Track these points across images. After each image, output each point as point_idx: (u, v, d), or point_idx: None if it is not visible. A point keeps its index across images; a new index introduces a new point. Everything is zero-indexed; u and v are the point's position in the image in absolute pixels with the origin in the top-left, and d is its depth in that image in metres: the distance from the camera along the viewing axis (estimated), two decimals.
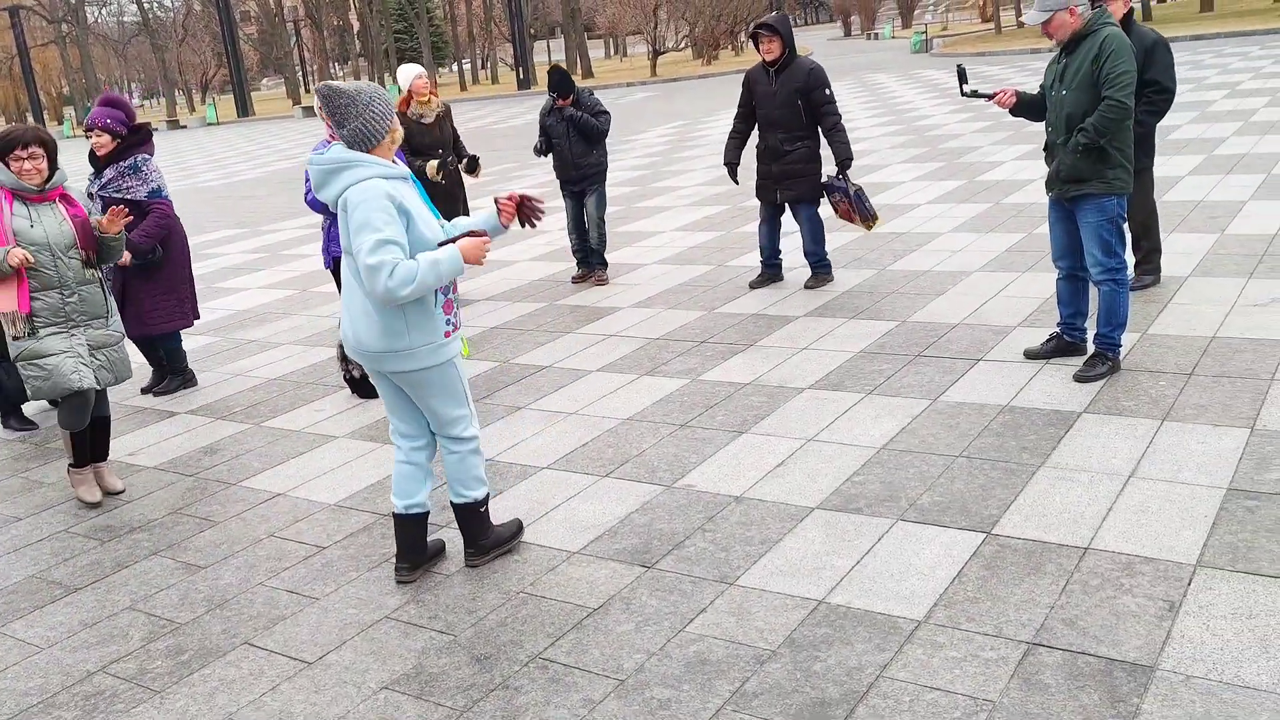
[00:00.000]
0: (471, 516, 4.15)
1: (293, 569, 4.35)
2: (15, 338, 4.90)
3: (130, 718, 3.44)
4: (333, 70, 78.17)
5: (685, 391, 5.92)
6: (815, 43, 62.65)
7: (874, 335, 6.50)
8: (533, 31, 57.53)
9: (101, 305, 5.09)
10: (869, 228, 7.71)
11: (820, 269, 7.89)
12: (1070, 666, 3.13)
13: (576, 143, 8.42)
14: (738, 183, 7.99)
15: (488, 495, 4.17)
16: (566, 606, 3.81)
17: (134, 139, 6.51)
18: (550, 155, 8.61)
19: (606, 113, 8.52)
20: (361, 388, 6.31)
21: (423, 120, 8.21)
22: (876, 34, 62.71)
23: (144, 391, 7.05)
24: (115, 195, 6.35)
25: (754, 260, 8.94)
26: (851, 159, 7.49)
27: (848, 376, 5.84)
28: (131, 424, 6.43)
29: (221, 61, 62.53)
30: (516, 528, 4.32)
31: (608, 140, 8.63)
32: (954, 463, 4.60)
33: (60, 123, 64.16)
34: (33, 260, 4.77)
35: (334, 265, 6.47)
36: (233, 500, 5.14)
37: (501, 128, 28.85)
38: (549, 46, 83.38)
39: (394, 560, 4.22)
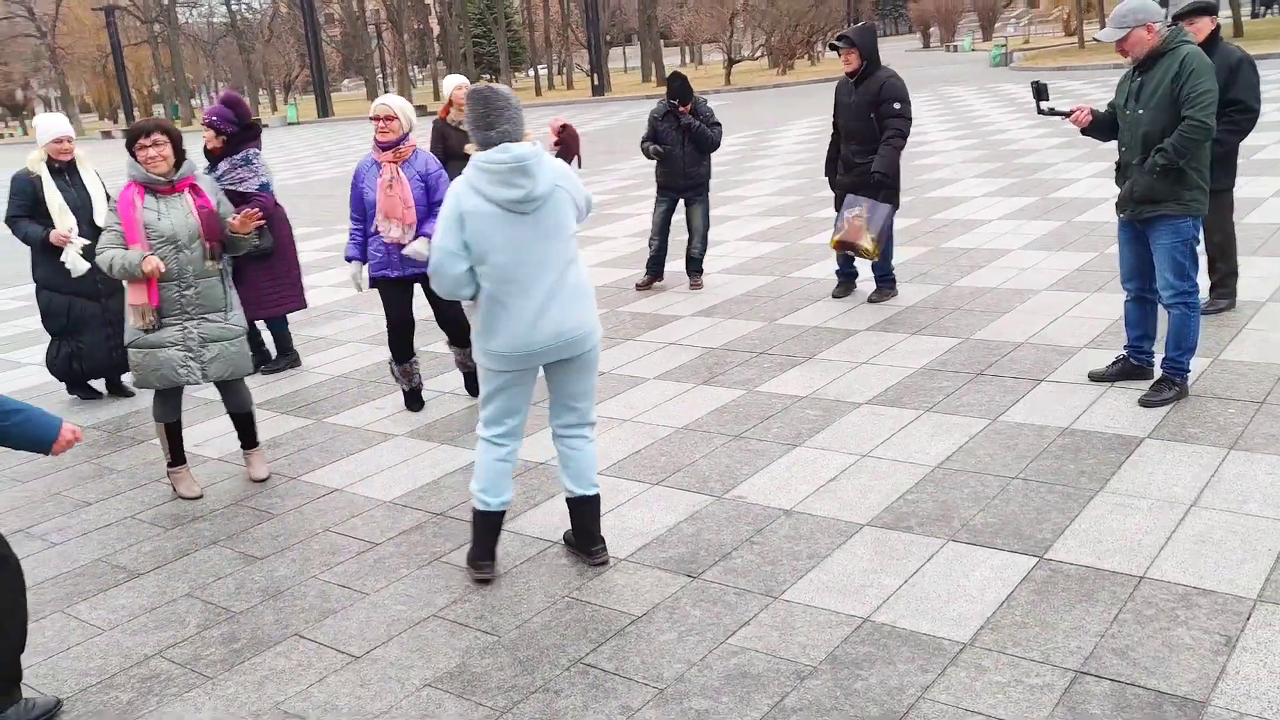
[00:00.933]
0: (598, 508, 4.22)
1: (345, 564, 4.43)
2: (145, 330, 4.94)
3: (183, 702, 3.54)
4: (412, 74, 79.33)
5: (741, 402, 5.91)
6: (893, 54, 62.10)
7: (936, 352, 6.43)
8: (608, 38, 57.85)
9: (220, 299, 5.07)
10: (871, 253, 7.35)
11: (884, 283, 7.83)
12: (1118, 697, 3.07)
13: (689, 151, 8.52)
14: (835, 193, 7.95)
15: None
16: (610, 613, 3.83)
17: (245, 135, 6.94)
18: (655, 159, 8.69)
19: (720, 124, 8.64)
20: (417, 400, 6.38)
21: (461, 126, 8.35)
22: (956, 46, 61.95)
23: (263, 371, 7.52)
24: (229, 186, 6.70)
25: (817, 272, 8.91)
26: (882, 176, 7.30)
27: (907, 393, 5.78)
28: (200, 415, 6.59)
29: (304, 63, 63.82)
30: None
31: None
32: (1010, 484, 4.53)
33: (150, 117, 65.92)
34: (164, 268, 4.83)
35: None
36: (292, 494, 5.25)
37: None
38: (624, 53, 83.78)
39: (459, 559, 4.28)
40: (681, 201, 8.76)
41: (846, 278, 8.05)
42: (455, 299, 3.96)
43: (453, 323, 6.14)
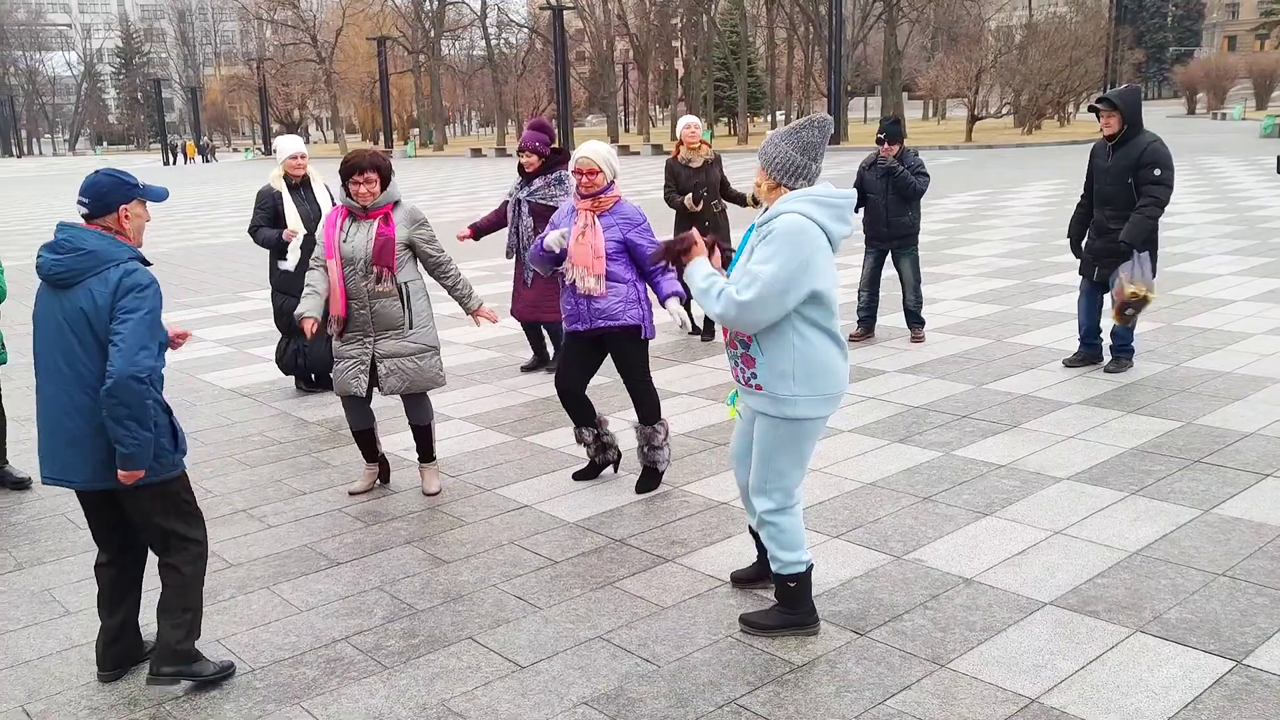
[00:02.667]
0: None
1: (524, 577, 4.61)
2: (335, 338, 5.44)
3: (360, 686, 3.77)
4: (653, 112, 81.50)
5: (935, 464, 5.77)
6: (1154, 120, 58.90)
7: (1151, 433, 6.08)
8: (850, 88, 57.60)
9: (398, 318, 5.34)
10: (1147, 294, 7.03)
11: (1123, 353, 7.48)
12: None
13: (893, 200, 8.46)
14: (1078, 257, 7.69)
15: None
16: (772, 659, 3.83)
17: (556, 157, 7.74)
18: (860, 210, 8.68)
19: (927, 175, 8.54)
20: (591, 473, 5.86)
21: (690, 165, 8.93)
22: (1224, 114, 58.14)
23: (523, 370, 8.29)
24: (541, 201, 7.60)
25: (1035, 339, 8.59)
26: (1132, 245, 7.00)
27: (1112, 472, 5.50)
28: (405, 422, 6.98)
29: (552, 97, 66.65)
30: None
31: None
32: (1214, 581, 4.24)
33: (405, 143, 70.50)
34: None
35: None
36: (484, 505, 5.50)
37: None
38: (865, 104, 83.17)
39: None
40: (888, 253, 8.67)
41: (1088, 348, 7.70)
42: (752, 328, 3.72)
43: (644, 395, 5.57)
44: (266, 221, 7.44)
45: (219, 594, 4.53)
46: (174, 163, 70.17)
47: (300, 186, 7.47)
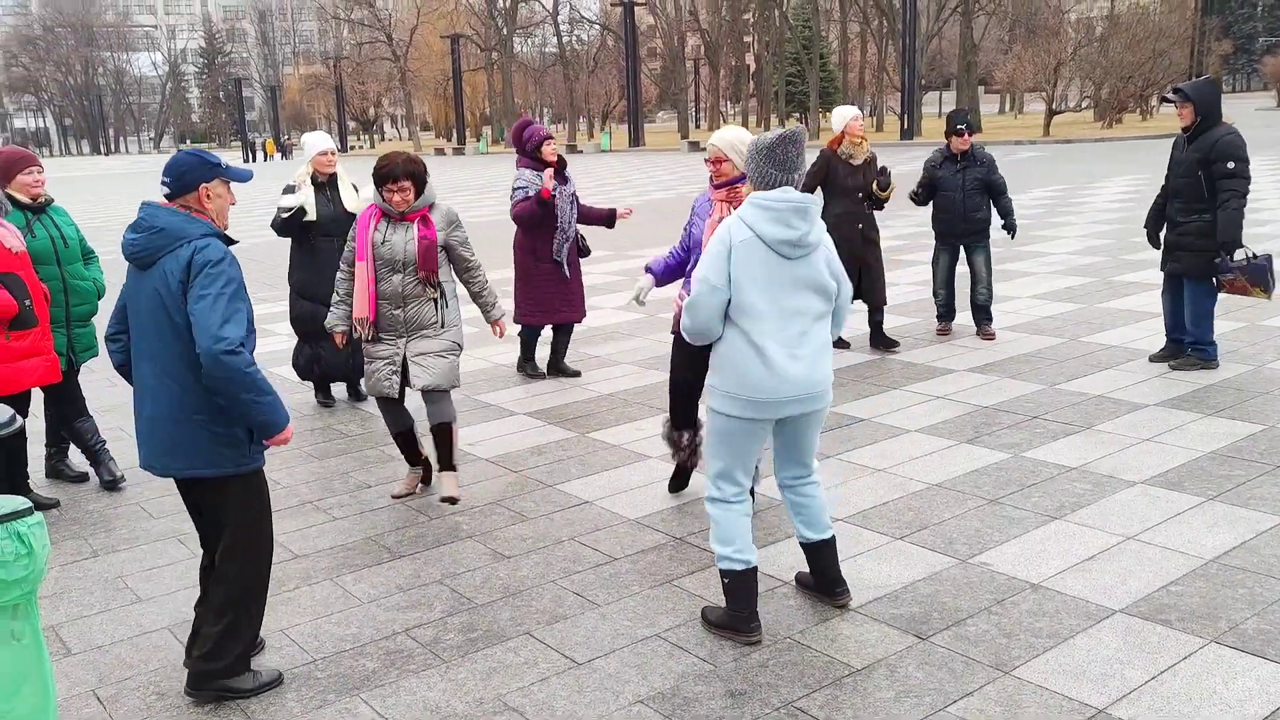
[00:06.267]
0: (835, 549, 4.19)
1: (583, 573, 4.61)
2: (365, 340, 5.44)
3: (419, 679, 3.80)
4: (724, 108, 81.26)
5: (1004, 466, 5.65)
6: (1240, 112, 57.17)
7: (1232, 437, 5.89)
8: (924, 82, 56.75)
9: (431, 319, 5.37)
10: (1266, 296, 6.99)
11: (1198, 352, 7.26)
12: None
13: (972, 195, 8.34)
14: (1155, 248, 7.55)
15: None
16: (831, 661, 3.78)
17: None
18: (930, 204, 8.54)
19: (1003, 177, 8.49)
20: (682, 481, 5.63)
21: (851, 160, 8.22)
22: None
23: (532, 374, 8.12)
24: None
25: (1112, 338, 8.38)
26: (1233, 243, 6.84)
27: (1189, 477, 5.33)
28: (475, 418, 7.05)
29: (623, 93, 66.79)
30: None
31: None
32: None
33: (477, 139, 71.17)
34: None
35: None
36: (546, 500, 5.51)
37: None
38: (940, 98, 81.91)
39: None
40: (962, 249, 8.53)
41: (1174, 344, 7.49)
42: (704, 340, 3.88)
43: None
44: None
45: (284, 584, 4.60)
46: (254, 160, 71.69)
47: (326, 185, 7.26)
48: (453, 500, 5.49)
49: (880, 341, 8.42)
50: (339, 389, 7.86)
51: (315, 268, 7.15)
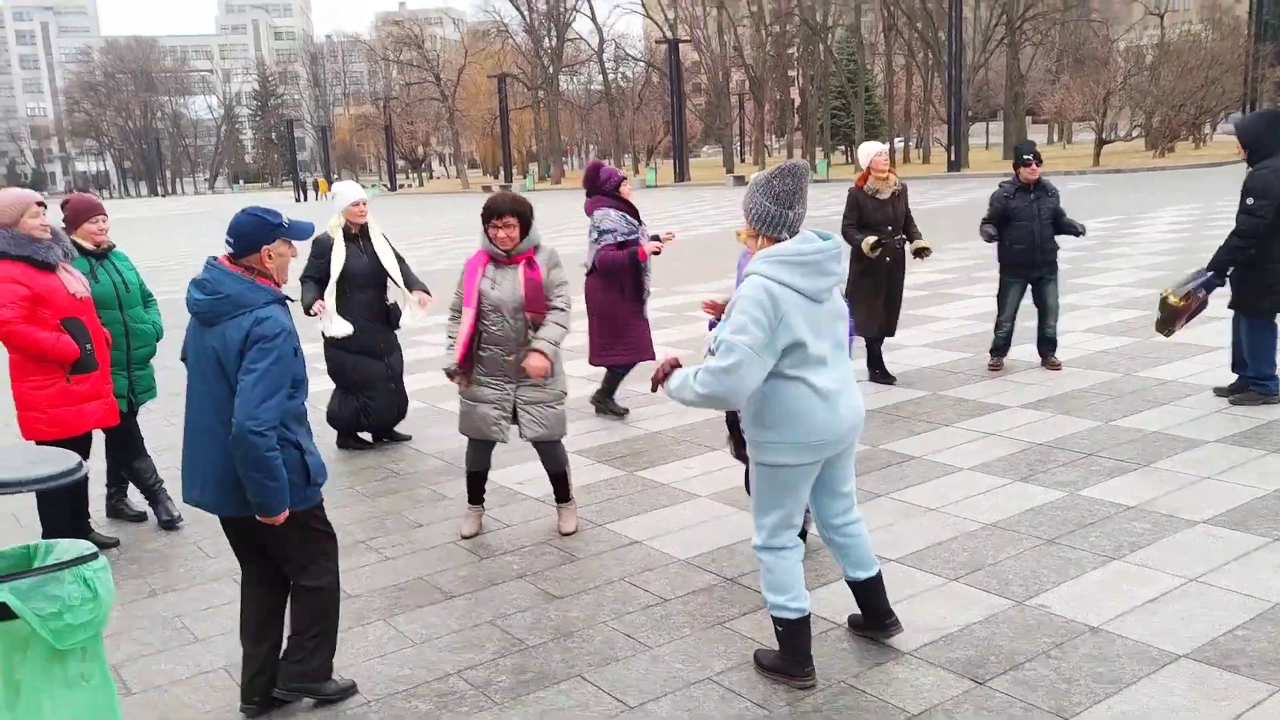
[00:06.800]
0: (883, 583, 4.15)
1: (635, 614, 4.59)
2: (459, 384, 5.41)
3: None
4: (769, 142, 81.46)
5: (1060, 505, 5.56)
6: None
7: None
8: (971, 113, 56.56)
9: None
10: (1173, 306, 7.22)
11: (1258, 386, 7.14)
12: None
13: (1046, 225, 8.36)
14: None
15: None
16: (885, 706, 3.73)
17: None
18: (998, 239, 8.49)
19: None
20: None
21: (878, 195, 8.25)
22: None
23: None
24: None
25: (1169, 373, 8.24)
26: (1217, 269, 7.04)
27: (1254, 516, 5.21)
28: (524, 455, 7.06)
29: (668, 129, 67.21)
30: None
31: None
32: None
33: (524, 176, 71.92)
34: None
35: None
36: (596, 540, 5.51)
37: (922, 209, 28.54)
38: (987, 129, 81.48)
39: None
40: (1032, 281, 8.56)
41: (1241, 378, 7.37)
42: (725, 405, 3.74)
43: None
44: (319, 271, 7.10)
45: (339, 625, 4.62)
46: (305, 199, 72.99)
47: (359, 236, 7.17)
48: (571, 533, 5.56)
49: (880, 372, 8.56)
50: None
51: (350, 320, 7.13)
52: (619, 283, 7.65)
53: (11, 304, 5.19)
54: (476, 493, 5.72)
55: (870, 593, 4.13)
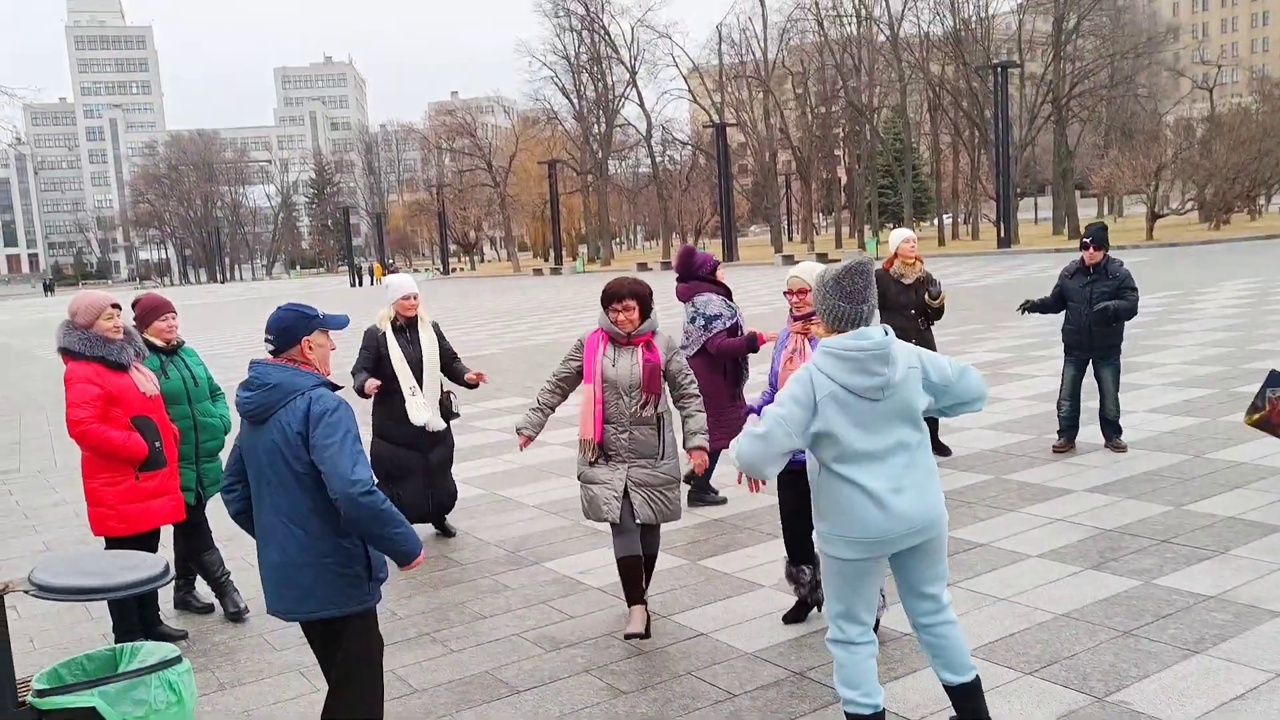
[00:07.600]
0: (981, 688, 4.02)
1: (703, 710, 4.53)
2: (591, 462, 5.44)
3: None
4: (816, 221, 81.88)
5: (1135, 594, 5.43)
6: None
7: None
8: (1019, 190, 56.53)
9: (654, 447, 5.36)
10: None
11: None
12: None
13: (1099, 311, 8.30)
14: None
15: None
16: None
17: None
18: (1050, 314, 8.53)
19: (1136, 289, 8.38)
20: (802, 611, 5.54)
21: (902, 280, 8.51)
22: None
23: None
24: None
25: (1240, 454, 8.07)
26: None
27: None
28: (585, 544, 7.07)
29: (715, 209, 67.88)
30: None
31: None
32: None
33: (574, 259, 72.79)
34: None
35: None
36: (660, 632, 5.46)
37: (973, 286, 28.47)
38: (1036, 204, 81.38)
39: None
40: (1090, 361, 8.49)
41: None
42: (752, 472, 3.78)
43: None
44: (369, 363, 7.13)
45: None
46: (360, 284, 74.36)
47: (406, 328, 7.23)
48: (641, 636, 5.23)
49: (933, 443, 8.55)
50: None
51: (393, 411, 7.17)
52: (722, 365, 7.73)
53: (86, 404, 5.34)
54: (633, 591, 5.31)
55: (965, 698, 3.99)
